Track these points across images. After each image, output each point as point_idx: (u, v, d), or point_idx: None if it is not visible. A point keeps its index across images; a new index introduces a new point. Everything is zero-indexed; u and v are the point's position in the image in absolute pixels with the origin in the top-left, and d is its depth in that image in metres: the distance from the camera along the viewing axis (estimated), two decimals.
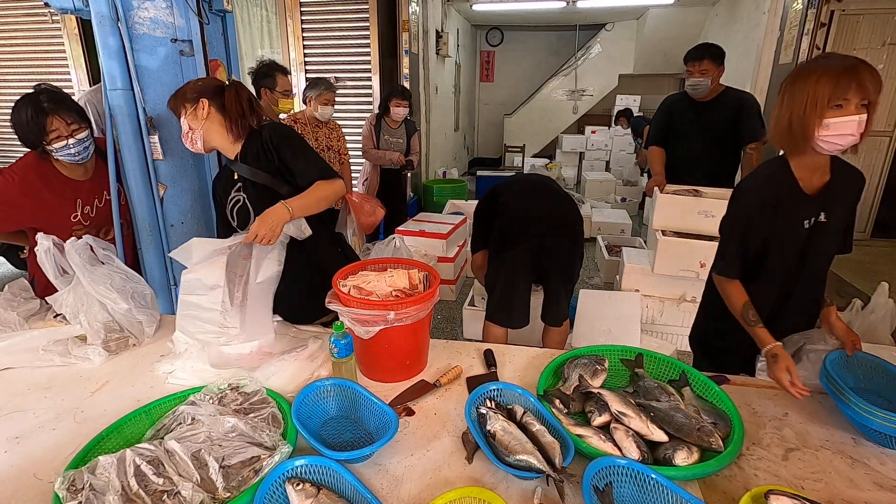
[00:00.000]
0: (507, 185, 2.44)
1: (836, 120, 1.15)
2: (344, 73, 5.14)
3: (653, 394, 1.17)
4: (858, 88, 1.12)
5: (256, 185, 1.56)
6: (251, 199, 1.58)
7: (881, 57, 4.77)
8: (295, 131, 1.64)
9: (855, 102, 1.14)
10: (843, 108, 1.15)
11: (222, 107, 1.52)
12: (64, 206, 1.72)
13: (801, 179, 1.30)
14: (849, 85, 1.13)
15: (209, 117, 1.51)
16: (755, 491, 0.88)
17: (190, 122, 1.51)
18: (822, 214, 1.30)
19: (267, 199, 1.52)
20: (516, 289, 2.27)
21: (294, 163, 1.54)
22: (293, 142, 1.57)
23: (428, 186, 6.00)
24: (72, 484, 0.88)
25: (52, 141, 1.62)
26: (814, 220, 1.31)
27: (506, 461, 0.96)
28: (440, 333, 3.44)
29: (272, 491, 0.91)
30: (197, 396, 1.13)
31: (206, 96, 1.50)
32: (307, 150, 1.58)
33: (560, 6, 6.81)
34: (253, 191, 1.57)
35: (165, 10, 1.73)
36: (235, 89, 1.53)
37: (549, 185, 2.43)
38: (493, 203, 2.39)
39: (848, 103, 1.15)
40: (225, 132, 1.54)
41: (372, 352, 1.31)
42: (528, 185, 2.47)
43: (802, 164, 1.30)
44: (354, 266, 1.45)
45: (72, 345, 1.42)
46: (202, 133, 1.52)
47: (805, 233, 1.32)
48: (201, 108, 1.49)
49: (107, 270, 1.45)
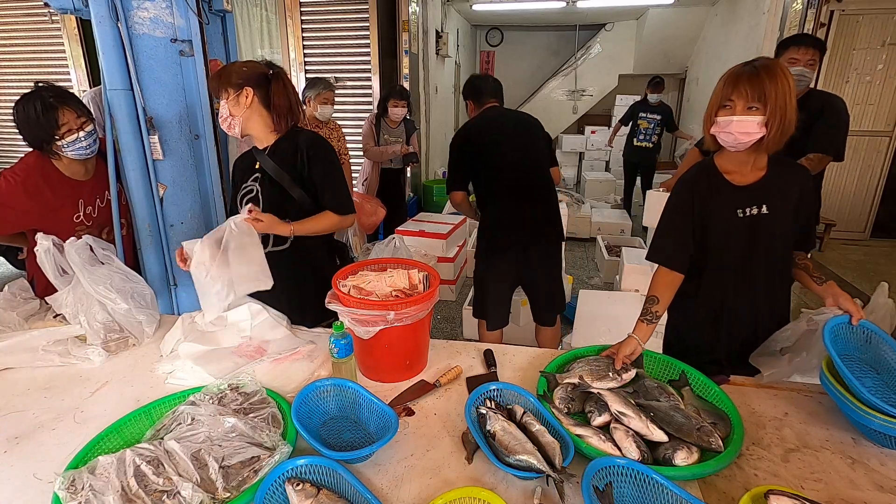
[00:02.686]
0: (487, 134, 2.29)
1: (723, 119, 1.27)
2: (344, 73, 5.13)
3: (653, 394, 1.17)
4: (740, 93, 1.23)
5: (273, 182, 1.57)
6: (264, 194, 1.59)
7: (881, 57, 4.77)
8: (334, 152, 1.65)
9: (741, 104, 1.24)
10: (729, 108, 1.26)
11: (266, 99, 1.53)
12: (66, 207, 1.72)
13: (727, 173, 1.37)
14: (732, 88, 1.25)
15: (251, 106, 1.52)
16: (755, 491, 0.88)
17: (231, 109, 1.52)
18: (763, 207, 1.35)
19: (278, 197, 1.54)
20: (498, 293, 2.41)
21: (321, 181, 1.57)
22: (328, 163, 1.59)
23: (428, 186, 6.00)
24: (72, 484, 0.88)
25: (63, 135, 1.61)
26: (751, 212, 1.35)
27: (506, 461, 0.96)
28: (440, 333, 3.44)
29: (272, 491, 0.90)
30: (197, 396, 1.13)
31: (250, 85, 1.50)
32: (338, 176, 1.61)
33: (560, 6, 6.80)
34: (268, 186, 1.58)
35: (165, 10, 1.73)
36: (283, 83, 1.54)
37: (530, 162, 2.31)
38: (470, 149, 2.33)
39: (734, 104, 1.25)
40: (264, 124, 1.56)
41: (372, 352, 1.31)
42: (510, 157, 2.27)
43: (727, 158, 1.37)
44: (354, 266, 1.45)
45: (72, 345, 1.42)
46: (241, 120, 1.53)
47: (744, 223, 1.36)
48: (245, 96, 1.50)
49: (107, 270, 1.45)
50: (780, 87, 1.21)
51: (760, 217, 1.35)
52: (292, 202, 1.58)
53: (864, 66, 4.83)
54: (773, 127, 1.22)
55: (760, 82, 1.21)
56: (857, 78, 4.89)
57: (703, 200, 1.39)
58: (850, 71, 4.88)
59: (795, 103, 1.23)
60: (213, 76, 1.54)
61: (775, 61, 1.26)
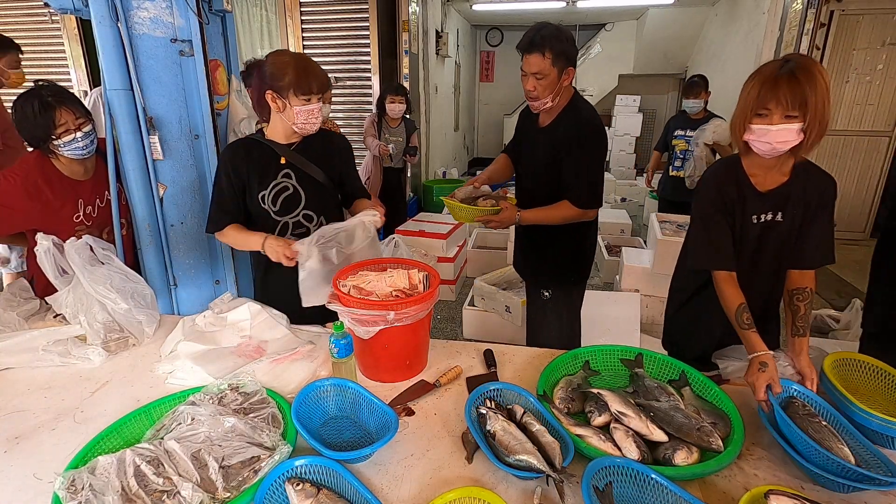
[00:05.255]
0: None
1: (759, 127, 1.19)
2: (344, 73, 5.14)
3: (653, 394, 1.17)
4: (778, 102, 1.15)
5: (308, 177, 1.61)
6: (306, 190, 1.61)
7: (881, 57, 4.77)
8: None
9: (779, 113, 1.16)
10: (766, 117, 1.18)
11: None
12: (66, 207, 1.72)
13: (752, 176, 1.32)
14: (768, 97, 1.16)
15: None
16: (755, 491, 0.88)
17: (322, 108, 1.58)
18: (779, 214, 1.30)
19: (316, 191, 1.62)
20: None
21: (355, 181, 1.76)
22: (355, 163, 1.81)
23: (428, 186, 6.00)
24: (72, 484, 0.88)
25: (61, 135, 1.61)
26: (766, 218, 1.31)
27: (506, 461, 0.96)
28: (440, 333, 3.44)
29: (272, 491, 0.91)
30: (197, 396, 1.13)
31: None
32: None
33: (560, 6, 6.80)
34: (307, 181, 1.61)
35: (165, 10, 1.73)
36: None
37: None
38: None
39: (771, 113, 1.17)
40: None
41: (372, 352, 1.31)
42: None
43: (752, 162, 1.32)
44: (354, 266, 1.45)
45: (72, 345, 1.42)
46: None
47: (757, 228, 1.32)
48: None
49: (106, 270, 1.45)
50: (820, 90, 1.12)
51: (774, 224, 1.31)
52: (329, 198, 1.68)
53: (864, 66, 4.83)
54: (812, 133, 1.16)
55: (800, 88, 1.12)
56: (857, 78, 4.89)
57: (731, 203, 1.33)
58: (850, 71, 4.88)
59: (831, 103, 1.15)
60: (326, 79, 1.55)
61: (811, 60, 1.16)
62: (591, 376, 1.31)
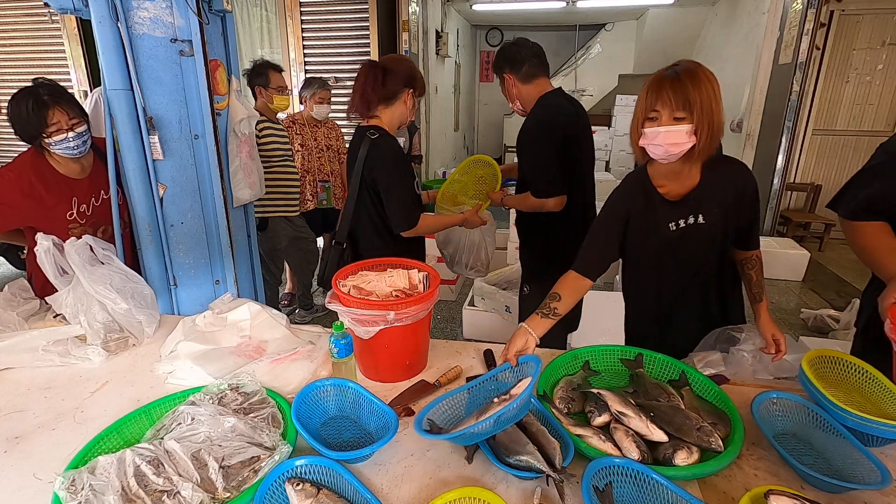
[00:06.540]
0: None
1: (650, 130, 1.21)
2: (344, 73, 5.14)
3: (653, 394, 1.17)
4: (664, 104, 1.18)
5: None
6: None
7: (881, 57, 4.77)
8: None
9: (666, 114, 1.18)
10: (656, 120, 1.20)
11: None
12: (60, 205, 1.72)
13: (660, 187, 1.33)
14: (655, 99, 1.19)
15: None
16: (755, 491, 0.88)
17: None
18: (699, 217, 1.31)
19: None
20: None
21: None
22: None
23: (428, 186, 6.00)
24: (72, 484, 0.88)
25: (52, 134, 1.61)
26: (684, 223, 1.32)
27: (506, 461, 0.96)
28: (440, 333, 3.44)
29: (272, 491, 0.91)
30: (197, 396, 1.13)
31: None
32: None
33: (560, 6, 6.81)
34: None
35: (165, 10, 1.73)
36: None
37: None
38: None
39: (659, 115, 1.19)
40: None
41: (372, 352, 1.31)
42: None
43: (657, 171, 1.33)
44: (354, 266, 1.45)
45: (72, 345, 1.42)
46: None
47: (676, 235, 1.34)
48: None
49: (106, 270, 1.45)
50: (705, 91, 1.15)
51: (696, 227, 1.32)
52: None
53: (864, 66, 4.84)
54: (703, 134, 1.17)
55: (684, 89, 1.15)
56: (857, 78, 4.89)
57: (637, 214, 1.35)
58: (850, 71, 4.88)
59: (722, 107, 1.18)
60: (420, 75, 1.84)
61: (696, 64, 1.20)
62: (591, 376, 1.31)
